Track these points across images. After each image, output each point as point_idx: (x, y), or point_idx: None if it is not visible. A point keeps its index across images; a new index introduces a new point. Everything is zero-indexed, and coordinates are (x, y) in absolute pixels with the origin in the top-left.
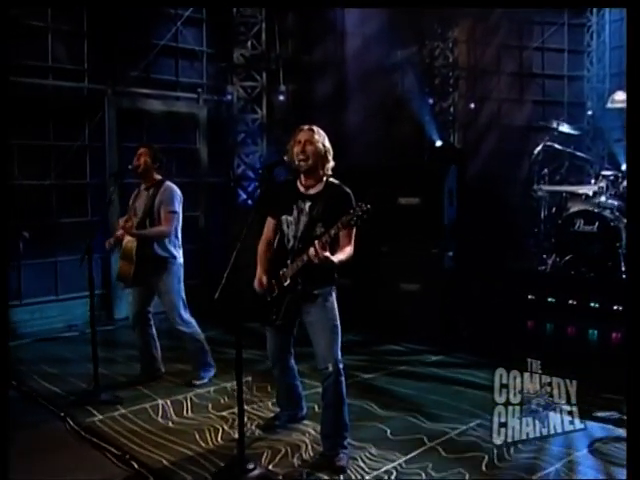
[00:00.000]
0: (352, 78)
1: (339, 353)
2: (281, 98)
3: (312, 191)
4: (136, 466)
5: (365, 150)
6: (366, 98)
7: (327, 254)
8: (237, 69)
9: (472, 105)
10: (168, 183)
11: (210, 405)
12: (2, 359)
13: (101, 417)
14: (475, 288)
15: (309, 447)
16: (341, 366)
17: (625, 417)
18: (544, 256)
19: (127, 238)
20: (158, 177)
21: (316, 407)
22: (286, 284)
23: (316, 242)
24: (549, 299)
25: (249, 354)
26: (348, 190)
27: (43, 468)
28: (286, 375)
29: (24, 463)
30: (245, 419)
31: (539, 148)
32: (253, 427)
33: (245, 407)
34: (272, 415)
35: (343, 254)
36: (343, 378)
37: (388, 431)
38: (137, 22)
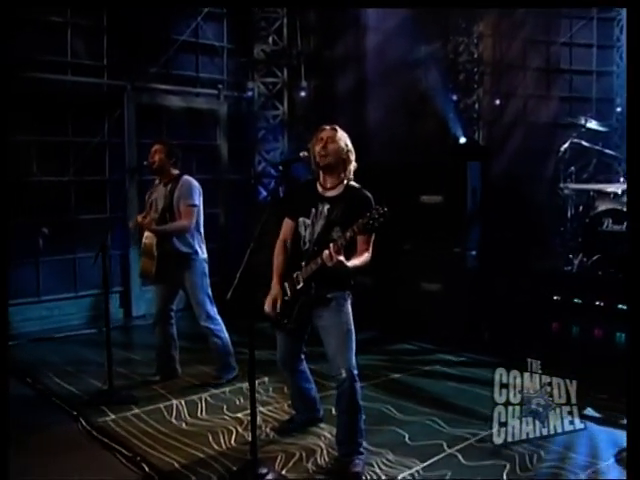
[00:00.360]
0: (374, 74)
1: (353, 359)
2: (302, 94)
3: (331, 193)
4: (147, 469)
5: (387, 147)
6: (388, 94)
7: (341, 258)
8: (258, 65)
9: (497, 101)
10: (186, 177)
11: (225, 406)
12: (2, 358)
13: (114, 417)
14: (498, 288)
15: (324, 451)
16: (355, 372)
17: None
18: (570, 256)
19: (146, 234)
20: (175, 172)
21: (333, 410)
22: (299, 287)
23: (331, 245)
24: (575, 300)
25: (266, 354)
26: (368, 194)
27: (53, 469)
28: (297, 379)
29: (34, 464)
30: (260, 421)
31: (566, 145)
32: (267, 430)
33: (260, 409)
34: (287, 417)
35: (359, 260)
36: (358, 384)
37: (406, 436)
38: (157, 17)
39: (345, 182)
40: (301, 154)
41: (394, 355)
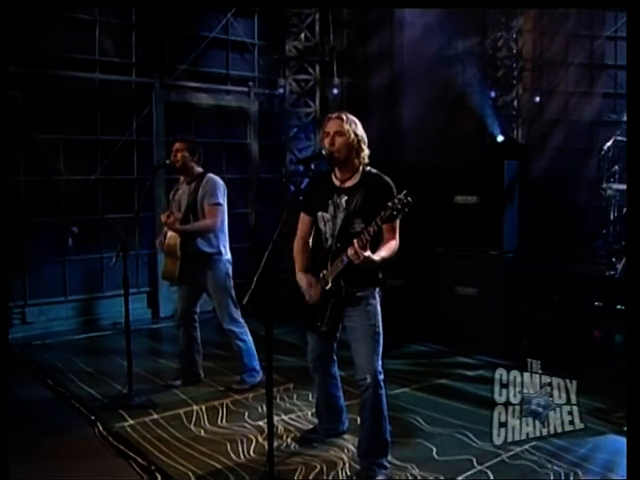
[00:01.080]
0: (409, 70)
1: (379, 363)
2: (335, 91)
3: (348, 184)
4: (159, 478)
5: (422, 146)
6: (424, 91)
7: (368, 253)
8: (289, 62)
9: (537, 98)
10: (210, 175)
11: (247, 413)
12: (2, 359)
13: (132, 422)
14: (537, 293)
15: (346, 465)
16: (381, 377)
17: None
18: (613, 259)
19: (170, 234)
20: (199, 170)
21: (358, 420)
22: (327, 288)
23: (355, 242)
24: (618, 307)
25: (292, 358)
26: (388, 180)
27: (65, 475)
28: (327, 384)
29: (46, 469)
30: (281, 430)
31: (609, 143)
32: (289, 440)
33: (282, 417)
34: (310, 427)
35: (386, 250)
36: (383, 391)
37: (434, 450)
38: (186, 14)
39: (361, 169)
40: (323, 151)
41: (425, 363)
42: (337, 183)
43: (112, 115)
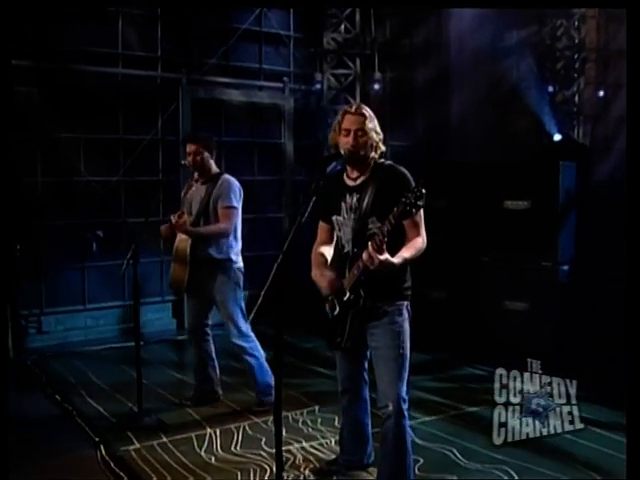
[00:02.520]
0: (458, 64)
1: (404, 389)
2: (376, 87)
3: (359, 181)
4: None
5: (471, 145)
6: (474, 86)
7: (384, 257)
8: (327, 55)
9: (601, 93)
10: (226, 176)
11: (264, 439)
12: (2, 358)
13: (138, 446)
14: (596, 310)
15: None
16: (405, 406)
17: None
18: None
19: (179, 237)
20: (215, 170)
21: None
22: (346, 298)
23: (369, 244)
24: None
25: (319, 378)
26: (402, 170)
27: None
28: (355, 408)
29: None
30: (299, 459)
31: None
32: (306, 472)
33: (303, 444)
34: (332, 457)
35: (409, 250)
36: (407, 422)
37: None
38: (215, 4)
39: (372, 163)
40: (341, 150)
41: (465, 382)
42: (348, 182)
43: (136, 113)
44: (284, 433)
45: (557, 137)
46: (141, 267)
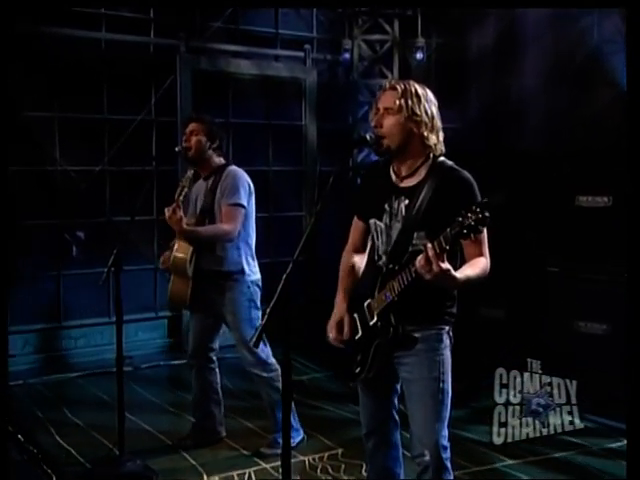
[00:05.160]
0: (523, 26)
1: (444, 434)
2: (419, 56)
3: (409, 182)
4: None
5: (537, 128)
6: (543, 54)
7: (447, 266)
8: (359, 17)
9: None
10: (232, 168)
11: None
12: (2, 359)
13: None
14: None
15: None
16: (446, 455)
17: None
18: None
19: (177, 245)
20: (218, 161)
21: None
22: (372, 323)
23: (428, 247)
24: None
25: (344, 412)
26: (467, 176)
27: None
28: (384, 454)
29: None
30: None
31: None
32: None
33: None
34: None
35: (474, 269)
36: (450, 475)
37: None
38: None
39: (430, 161)
40: (367, 135)
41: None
42: (396, 180)
43: (123, 88)
44: None
45: None
46: (131, 276)
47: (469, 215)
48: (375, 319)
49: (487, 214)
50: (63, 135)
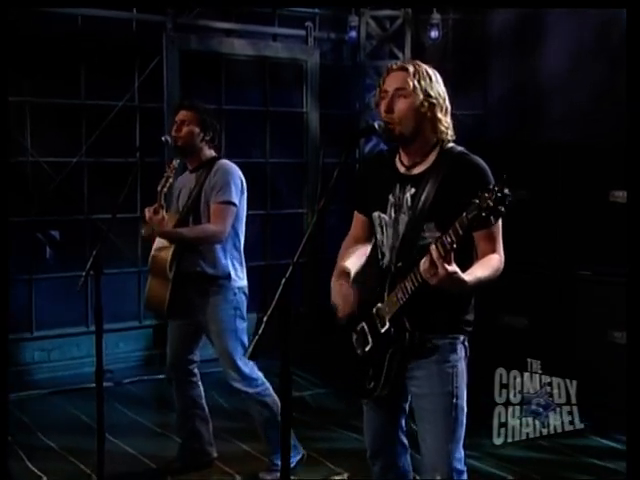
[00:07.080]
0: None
1: (458, 455)
2: (434, 34)
3: (417, 170)
4: None
5: (567, 116)
6: (574, 34)
7: (454, 268)
8: None
9: None
10: (223, 162)
11: None
12: (2, 359)
13: None
14: None
15: None
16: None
17: None
18: None
19: (157, 243)
20: (209, 154)
21: None
22: (384, 330)
23: (432, 249)
24: None
25: (350, 432)
26: (479, 161)
27: None
28: (391, 479)
29: None
30: None
31: None
32: None
33: None
34: None
35: (485, 268)
36: None
37: None
38: None
39: (438, 148)
40: (376, 123)
41: (553, 440)
42: (402, 169)
43: (103, 70)
44: None
45: None
46: (112, 280)
47: (487, 195)
48: (387, 325)
49: (507, 191)
50: (35, 122)
